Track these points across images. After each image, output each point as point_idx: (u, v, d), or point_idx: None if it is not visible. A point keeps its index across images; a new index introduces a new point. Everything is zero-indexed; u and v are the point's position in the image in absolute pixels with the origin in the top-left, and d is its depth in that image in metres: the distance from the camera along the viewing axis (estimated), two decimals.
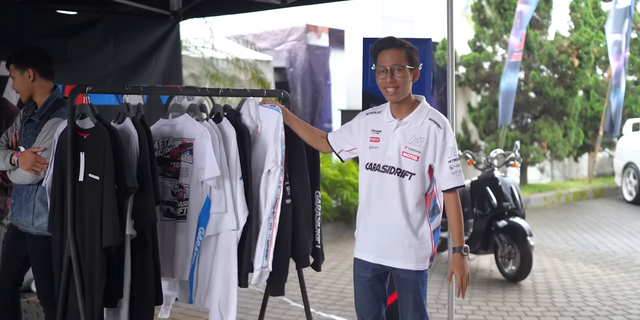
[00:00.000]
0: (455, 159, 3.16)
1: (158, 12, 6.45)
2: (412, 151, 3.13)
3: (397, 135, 3.16)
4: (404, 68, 3.12)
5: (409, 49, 3.16)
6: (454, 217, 3.16)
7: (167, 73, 6.64)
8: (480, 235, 6.54)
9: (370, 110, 3.37)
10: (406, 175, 3.15)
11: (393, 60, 3.12)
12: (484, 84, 12.44)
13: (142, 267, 3.23)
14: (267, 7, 6.01)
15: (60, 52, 5.85)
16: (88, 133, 3.08)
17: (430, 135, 3.13)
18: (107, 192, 3.01)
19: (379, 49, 3.18)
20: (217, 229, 3.39)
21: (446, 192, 3.17)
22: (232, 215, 3.39)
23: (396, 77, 3.11)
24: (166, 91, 3.74)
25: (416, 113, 3.18)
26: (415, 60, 3.18)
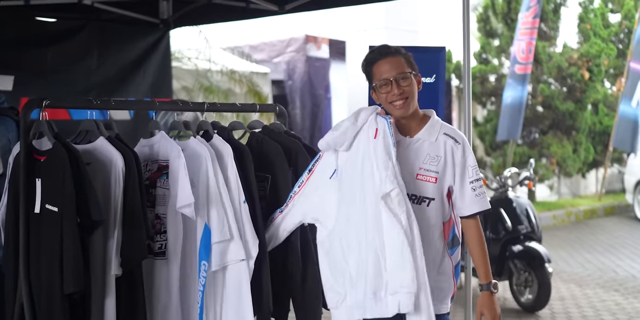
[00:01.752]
0: (478, 179, 2.74)
1: (146, 20, 6.00)
2: (429, 173, 2.70)
3: (410, 155, 2.74)
4: (409, 75, 2.73)
5: (405, 55, 2.79)
6: (478, 249, 2.74)
7: (156, 86, 6.17)
8: (494, 260, 6.03)
9: None
10: (423, 202, 2.71)
11: (395, 69, 2.73)
12: (490, 98, 12.01)
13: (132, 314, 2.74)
14: (264, 14, 5.57)
15: (38, 62, 5.42)
16: (45, 155, 2.59)
17: (447, 153, 2.72)
18: (67, 227, 2.51)
19: (372, 62, 2.78)
20: (223, 261, 2.86)
21: (467, 218, 2.74)
22: (239, 243, 2.86)
23: (403, 86, 2.72)
24: (139, 105, 3.24)
25: (428, 128, 2.77)
26: (415, 66, 2.80)
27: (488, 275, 2.74)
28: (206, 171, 2.85)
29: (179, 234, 2.88)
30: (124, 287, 2.69)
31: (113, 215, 2.66)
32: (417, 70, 2.80)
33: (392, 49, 2.79)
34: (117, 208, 2.65)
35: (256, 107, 3.20)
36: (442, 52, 4.07)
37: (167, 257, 2.89)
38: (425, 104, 3.91)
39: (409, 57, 2.79)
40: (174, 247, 2.89)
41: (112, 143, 2.76)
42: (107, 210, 2.66)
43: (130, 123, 5.59)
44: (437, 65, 4.00)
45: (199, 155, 2.87)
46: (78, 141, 2.80)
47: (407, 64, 2.75)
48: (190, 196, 2.73)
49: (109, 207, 2.67)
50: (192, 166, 2.85)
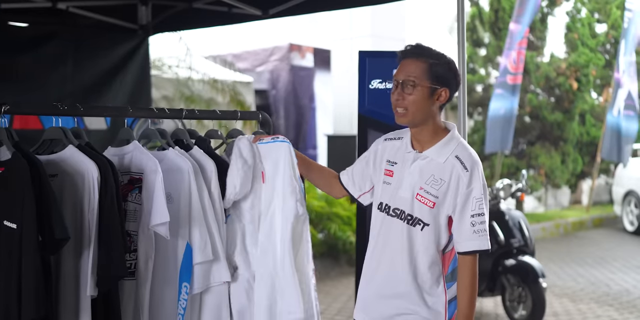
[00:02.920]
0: (481, 213, 2.45)
1: (124, 25, 5.77)
2: (428, 195, 2.47)
3: (413, 172, 2.50)
4: (416, 84, 2.45)
5: (435, 61, 2.46)
6: (467, 291, 2.46)
7: (135, 94, 5.93)
8: (486, 275, 5.84)
9: (391, 135, 2.69)
10: (418, 225, 2.50)
11: (406, 72, 2.47)
12: (477, 108, 11.86)
13: None
14: (246, 19, 5.36)
15: (9, 69, 5.17)
16: (3, 167, 2.33)
17: (452, 178, 2.46)
18: (27, 246, 2.24)
19: (400, 59, 2.53)
20: (206, 282, 2.63)
21: (461, 254, 2.48)
22: (224, 264, 2.65)
23: (406, 94, 2.46)
24: (111, 112, 2.99)
25: (440, 146, 2.51)
26: (444, 77, 2.47)
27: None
28: (188, 186, 2.61)
29: (151, 253, 2.61)
30: (101, 309, 2.43)
31: (87, 230, 2.40)
32: (443, 83, 2.48)
33: (418, 49, 2.51)
34: (92, 223, 2.39)
35: (237, 114, 2.96)
36: None
37: (136, 277, 2.63)
38: None
39: (439, 66, 2.47)
40: (145, 267, 2.62)
41: (84, 152, 2.50)
42: (80, 225, 2.40)
43: (106, 133, 5.34)
44: None
45: (180, 169, 2.62)
46: (41, 151, 2.54)
47: (428, 72, 2.45)
48: (165, 214, 2.49)
49: (81, 223, 2.41)
50: (171, 180, 2.60)
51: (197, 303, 2.68)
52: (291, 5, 4.87)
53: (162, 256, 2.64)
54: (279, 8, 4.97)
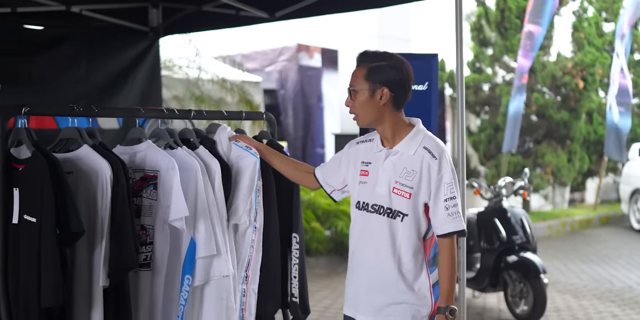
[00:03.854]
0: (453, 197, 2.62)
1: (136, 28, 5.91)
2: (403, 187, 2.62)
3: (387, 168, 2.66)
4: (356, 90, 2.65)
5: (374, 65, 2.65)
6: (446, 270, 2.63)
7: (146, 94, 6.06)
8: (488, 271, 5.97)
9: (362, 138, 2.85)
10: (398, 217, 2.64)
11: (350, 81, 2.68)
12: (484, 107, 11.95)
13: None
14: (254, 21, 5.49)
15: (25, 70, 5.29)
16: (24, 164, 2.49)
17: (423, 168, 2.62)
18: (46, 238, 2.41)
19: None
20: (207, 276, 2.79)
21: (440, 237, 2.66)
22: (225, 259, 2.80)
23: (352, 100, 2.68)
24: (123, 113, 3.14)
25: (408, 140, 2.68)
26: (384, 77, 2.63)
27: (449, 299, 2.63)
28: (195, 184, 2.77)
29: (166, 246, 2.80)
30: (112, 299, 2.60)
31: (100, 225, 2.56)
32: (383, 82, 2.64)
33: (359, 57, 2.70)
34: (105, 218, 2.56)
35: (242, 114, 3.11)
36: (434, 59, 4.00)
37: (152, 268, 2.80)
38: (417, 111, 3.84)
39: (378, 68, 2.64)
40: (160, 259, 2.81)
41: (97, 151, 2.66)
42: (94, 220, 2.57)
43: (119, 132, 5.49)
44: (430, 72, 3.94)
45: (190, 168, 2.79)
46: (57, 150, 2.70)
47: (367, 76, 2.64)
48: (185, 209, 2.66)
49: (95, 217, 2.57)
50: (181, 178, 2.75)
51: (198, 295, 2.83)
52: (297, 8, 5.01)
53: (170, 249, 2.80)
54: (285, 11, 5.11)
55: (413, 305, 2.66)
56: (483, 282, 6.03)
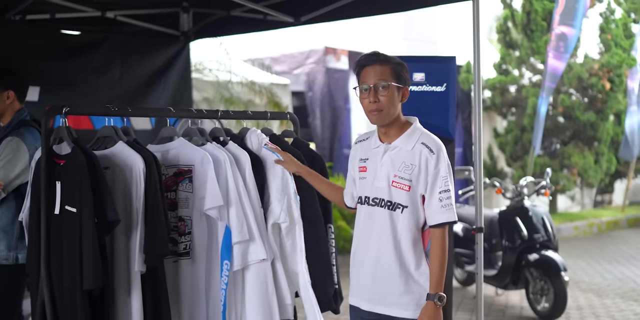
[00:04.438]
0: (447, 190, 2.73)
1: (167, 32, 6.16)
2: (402, 180, 2.74)
3: (385, 163, 2.77)
4: (389, 85, 2.71)
5: (395, 64, 2.76)
6: (437, 259, 2.72)
7: (177, 96, 6.31)
8: (510, 269, 6.09)
9: (360, 137, 2.99)
10: (398, 209, 2.75)
11: (377, 76, 2.72)
12: (510, 109, 12.01)
13: (157, 308, 2.83)
14: (280, 26, 5.69)
15: (63, 73, 5.56)
16: (64, 159, 2.71)
17: (422, 162, 2.73)
18: (85, 227, 2.63)
19: (361, 66, 2.79)
20: (245, 260, 2.97)
21: (433, 227, 2.75)
22: (260, 244, 2.97)
23: (380, 96, 2.71)
24: (156, 112, 3.36)
25: (406, 136, 2.79)
26: (404, 77, 2.77)
27: (438, 287, 2.70)
28: (225, 175, 2.96)
29: (204, 235, 3.00)
30: (148, 283, 2.80)
31: (135, 214, 2.77)
32: (405, 82, 2.78)
33: (381, 56, 2.77)
34: (139, 208, 2.76)
35: (267, 115, 3.31)
36: (452, 61, 4.14)
37: (191, 257, 3.00)
38: (436, 112, 4.03)
39: (399, 68, 2.76)
40: (199, 248, 3.00)
41: (132, 147, 2.87)
42: (129, 210, 2.78)
43: (151, 133, 5.72)
44: (448, 74, 4.07)
45: (218, 160, 2.98)
46: (96, 147, 2.92)
47: (393, 74, 2.73)
48: (219, 199, 2.86)
49: (130, 208, 2.78)
50: None
51: (239, 279, 3.01)
52: (321, 13, 5.20)
53: (207, 238, 3.00)
54: (310, 15, 5.30)
55: (415, 294, 2.74)
56: (505, 279, 6.14)
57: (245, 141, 3.18)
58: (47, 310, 2.68)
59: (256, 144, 3.17)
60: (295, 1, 5.14)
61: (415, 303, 2.74)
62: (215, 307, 3.00)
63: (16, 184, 3.45)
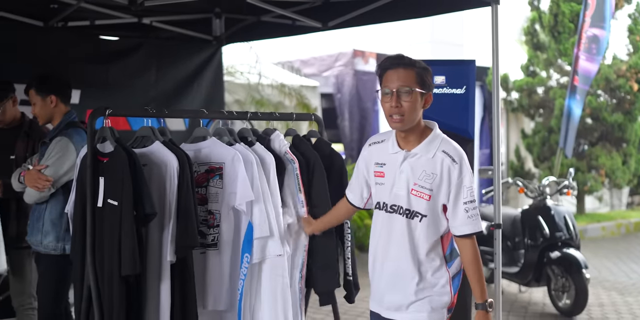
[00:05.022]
0: (472, 200, 2.69)
1: (200, 37, 6.41)
2: (423, 189, 2.67)
3: (405, 170, 2.71)
4: (413, 91, 2.63)
5: (420, 69, 2.68)
6: (473, 268, 2.70)
7: (209, 98, 6.56)
8: (532, 266, 6.23)
9: (373, 139, 2.91)
10: (416, 217, 2.71)
11: (400, 81, 2.63)
12: (538, 110, 12.09)
13: (184, 295, 3.07)
14: (308, 31, 5.91)
15: (102, 77, 5.85)
16: (107, 157, 2.97)
17: (444, 172, 2.67)
18: (125, 219, 2.88)
19: (384, 69, 2.70)
20: (263, 255, 3.21)
21: (460, 237, 2.72)
22: (277, 241, 3.21)
23: (403, 101, 2.63)
24: (190, 114, 3.61)
25: (427, 143, 2.71)
26: (428, 83, 2.70)
27: (483, 295, 2.69)
28: (252, 174, 3.19)
29: (231, 228, 3.25)
30: (178, 272, 3.04)
31: (168, 209, 3.02)
32: (429, 87, 2.70)
33: (405, 60, 2.68)
34: (172, 203, 3.01)
35: (293, 116, 3.54)
36: (472, 64, 4.33)
37: (218, 248, 3.24)
38: (456, 113, 4.22)
39: (424, 73, 2.68)
40: (226, 240, 3.25)
41: (167, 147, 3.12)
42: (163, 204, 3.02)
43: (185, 133, 5.98)
44: (467, 76, 4.26)
45: (247, 159, 3.21)
46: (135, 145, 3.17)
47: (417, 79, 2.65)
48: (250, 194, 3.11)
49: (164, 202, 3.02)
50: None
51: (256, 272, 3.26)
52: (347, 19, 5.41)
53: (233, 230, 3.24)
54: (337, 21, 5.51)
55: (433, 297, 2.73)
56: (527, 276, 6.29)
57: (270, 143, 3.41)
58: (92, 294, 2.94)
59: (278, 148, 3.40)
60: (322, 7, 5.35)
61: (431, 306, 2.73)
62: (234, 295, 3.24)
63: (64, 180, 3.72)
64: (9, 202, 4.09)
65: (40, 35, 5.54)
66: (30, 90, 3.91)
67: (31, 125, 4.31)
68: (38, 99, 3.89)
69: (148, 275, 3.02)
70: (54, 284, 3.75)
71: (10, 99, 4.22)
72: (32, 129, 4.30)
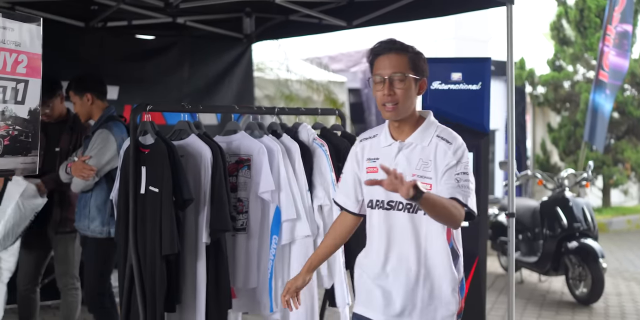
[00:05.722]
0: (466, 172, 2.43)
1: (231, 35, 6.69)
2: (423, 179, 2.43)
3: (400, 162, 2.48)
4: (407, 77, 2.44)
5: (413, 54, 2.50)
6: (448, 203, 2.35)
7: (240, 93, 6.86)
8: (550, 256, 6.44)
9: (364, 135, 2.69)
10: (420, 210, 2.44)
11: (392, 67, 2.45)
12: (564, 104, 12.22)
13: (218, 273, 3.37)
14: (334, 29, 6.17)
15: (139, 74, 6.19)
16: (149, 149, 3.28)
17: (438, 155, 2.46)
18: (165, 204, 3.19)
19: (375, 54, 2.52)
20: (292, 236, 3.51)
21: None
22: (305, 222, 3.51)
23: (396, 88, 2.44)
24: (222, 109, 3.92)
25: (421, 131, 2.51)
26: (422, 68, 2.51)
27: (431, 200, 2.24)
28: (278, 163, 3.51)
29: (258, 214, 3.56)
30: (212, 253, 3.36)
31: (203, 195, 3.33)
32: (423, 73, 2.52)
33: (398, 44, 2.50)
34: (206, 190, 3.33)
35: (318, 111, 3.84)
36: (487, 62, 4.56)
37: (247, 232, 3.56)
38: (472, 108, 4.46)
39: (417, 58, 2.50)
40: (254, 224, 3.57)
41: (202, 139, 3.43)
42: (198, 191, 3.34)
43: (217, 127, 6.30)
44: (483, 73, 4.49)
45: (272, 151, 3.53)
46: (173, 138, 3.49)
47: (411, 65, 2.46)
48: (272, 184, 3.41)
49: (199, 189, 3.34)
50: None
51: (287, 252, 3.57)
52: (372, 18, 5.66)
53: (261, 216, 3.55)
54: (361, 20, 5.77)
55: (440, 305, 2.50)
56: (545, 266, 6.50)
57: (297, 134, 3.71)
58: (135, 272, 3.26)
59: (306, 137, 3.69)
60: (347, 6, 5.61)
61: (440, 315, 2.50)
62: (264, 274, 3.55)
63: (107, 169, 4.05)
64: (53, 192, 4.43)
65: (82, 35, 5.89)
66: (70, 91, 4.27)
67: (75, 120, 4.64)
68: (77, 98, 4.25)
69: (185, 256, 3.34)
70: (100, 265, 4.09)
71: (58, 96, 4.55)
72: (75, 123, 4.63)
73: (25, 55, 2.78)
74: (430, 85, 4.51)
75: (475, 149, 4.40)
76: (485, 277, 4.55)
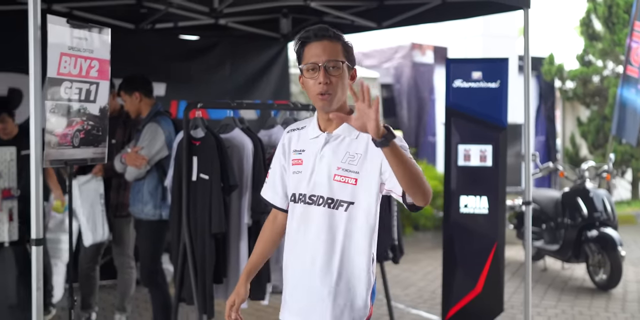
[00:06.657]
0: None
1: (269, 35, 7.11)
2: (348, 173, 2.28)
3: (325, 154, 2.32)
4: (342, 65, 2.28)
5: (345, 42, 2.35)
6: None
7: (277, 90, 7.31)
8: (571, 244, 6.76)
9: (293, 126, 2.53)
10: (341, 206, 2.29)
11: (327, 54, 2.28)
12: (593, 98, 12.43)
13: None
14: (365, 30, 6.56)
15: (184, 73, 6.67)
16: (199, 141, 3.75)
17: (369, 148, 2.26)
18: (214, 189, 3.66)
19: (305, 42, 2.33)
20: None
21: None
22: None
23: (331, 76, 2.26)
24: (261, 106, 4.37)
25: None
26: (353, 57, 2.37)
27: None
28: None
29: None
30: (253, 232, 3.82)
31: (245, 182, 3.79)
32: (354, 62, 2.37)
33: (330, 32, 2.33)
34: (248, 177, 3.78)
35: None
36: (505, 62, 4.90)
37: None
38: (491, 104, 4.83)
39: (349, 46, 2.34)
40: None
41: (244, 132, 3.88)
42: (241, 178, 3.79)
43: (257, 122, 6.76)
44: (501, 72, 4.84)
45: None
46: (220, 131, 3.95)
47: (344, 53, 2.30)
48: None
49: (242, 177, 3.79)
50: None
51: None
52: (400, 19, 6.05)
53: None
54: (390, 21, 6.17)
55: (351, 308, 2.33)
56: (567, 253, 6.83)
57: None
58: (187, 250, 3.74)
59: None
60: (377, 9, 6.00)
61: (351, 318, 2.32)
62: None
63: (157, 158, 4.50)
64: (110, 179, 4.92)
65: (132, 37, 6.38)
66: (120, 91, 4.75)
67: (127, 116, 5.12)
68: (127, 97, 4.72)
69: (230, 235, 3.80)
70: (153, 244, 4.57)
71: (111, 94, 5.04)
72: (128, 118, 5.11)
73: (97, 61, 3.24)
74: (452, 83, 4.90)
75: (494, 142, 4.78)
76: (503, 262, 4.85)
